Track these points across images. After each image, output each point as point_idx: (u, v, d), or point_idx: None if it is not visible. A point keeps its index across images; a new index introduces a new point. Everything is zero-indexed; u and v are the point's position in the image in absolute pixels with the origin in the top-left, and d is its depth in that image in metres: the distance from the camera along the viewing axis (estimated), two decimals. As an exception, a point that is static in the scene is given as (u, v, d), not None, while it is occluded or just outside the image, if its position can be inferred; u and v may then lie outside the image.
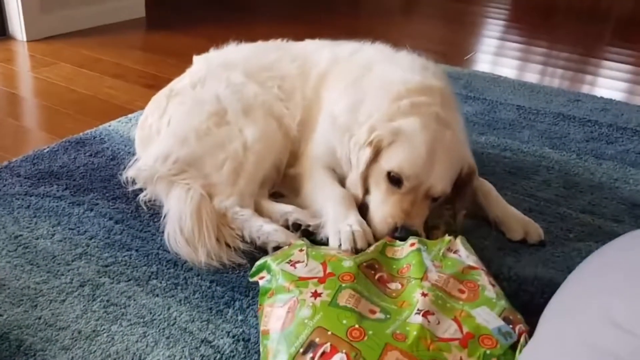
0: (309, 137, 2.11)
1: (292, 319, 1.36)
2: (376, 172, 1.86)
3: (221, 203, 1.90)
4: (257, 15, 5.19)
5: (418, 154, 1.81)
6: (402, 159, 1.81)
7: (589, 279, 1.37)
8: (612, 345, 1.06)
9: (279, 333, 1.35)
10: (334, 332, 1.30)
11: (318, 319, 1.34)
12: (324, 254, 1.58)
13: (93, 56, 3.58)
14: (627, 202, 2.29)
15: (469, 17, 5.63)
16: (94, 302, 1.58)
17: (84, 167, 2.22)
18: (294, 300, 1.41)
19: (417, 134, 1.83)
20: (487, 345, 1.32)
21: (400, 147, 1.83)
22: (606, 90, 3.68)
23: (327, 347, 1.27)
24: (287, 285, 1.47)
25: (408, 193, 1.81)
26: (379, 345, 1.28)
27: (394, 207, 1.81)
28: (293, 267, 1.53)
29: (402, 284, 1.52)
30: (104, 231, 1.87)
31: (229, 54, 2.31)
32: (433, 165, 1.81)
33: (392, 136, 1.83)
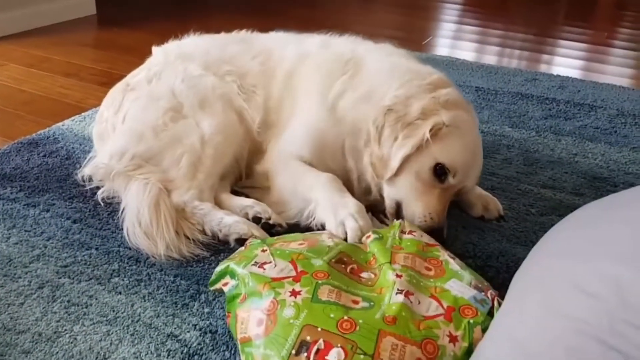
0: (278, 134, 2.04)
1: (275, 321, 1.31)
2: (421, 158, 1.77)
3: (179, 197, 1.86)
4: (210, 8, 5.11)
5: (469, 152, 1.80)
6: (455, 153, 1.76)
7: (552, 251, 1.38)
8: (578, 311, 1.07)
9: (263, 338, 1.29)
10: (324, 327, 1.27)
11: (304, 317, 1.29)
12: (289, 252, 1.52)
13: (43, 56, 3.48)
14: (587, 176, 2.33)
15: (425, 2, 5.65)
16: (54, 303, 1.53)
17: (38, 168, 2.15)
18: (272, 302, 1.35)
19: (471, 131, 1.84)
20: (469, 315, 1.35)
21: (455, 140, 1.78)
22: (562, 68, 3.74)
23: (321, 344, 1.23)
24: (261, 287, 1.40)
25: (448, 189, 1.78)
26: (373, 333, 1.26)
27: (436, 202, 1.76)
28: (261, 268, 1.47)
29: (374, 274, 1.50)
30: (61, 231, 1.82)
31: (188, 45, 2.25)
32: (477, 165, 1.84)
33: (453, 126, 1.78)
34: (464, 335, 1.31)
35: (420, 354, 1.24)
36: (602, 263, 1.13)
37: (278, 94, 2.09)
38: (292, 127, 2.02)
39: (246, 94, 2.08)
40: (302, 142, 1.97)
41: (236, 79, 2.10)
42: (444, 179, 1.76)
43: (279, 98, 2.08)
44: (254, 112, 2.07)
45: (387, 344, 1.24)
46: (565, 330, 1.08)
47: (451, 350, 1.28)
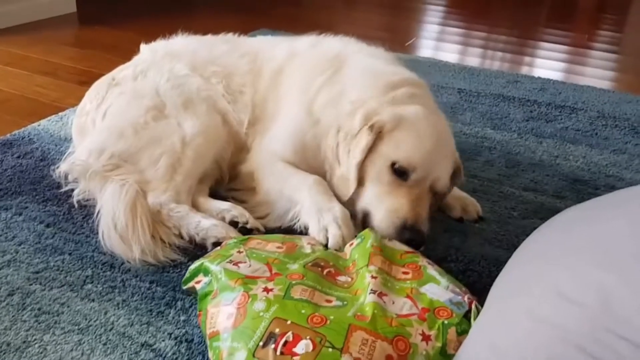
0: (263, 131, 2.02)
1: (244, 314, 1.29)
2: (376, 162, 1.73)
3: (156, 199, 1.82)
4: (195, 6, 5.07)
5: (425, 144, 1.71)
6: (408, 148, 1.70)
7: (534, 255, 1.37)
8: (560, 317, 1.06)
9: (231, 331, 1.28)
10: (294, 320, 1.26)
11: (274, 310, 1.28)
12: (265, 256, 1.51)
13: (21, 54, 3.41)
14: (568, 178, 2.33)
15: (409, 3, 5.65)
16: (23, 311, 1.49)
17: (11, 170, 2.10)
18: (242, 295, 1.35)
19: (422, 122, 1.74)
20: (444, 316, 1.34)
21: (405, 135, 1.72)
22: (544, 70, 3.75)
23: (289, 336, 1.22)
24: (233, 283, 1.40)
25: (414, 186, 1.71)
26: (343, 327, 1.25)
27: (400, 202, 1.68)
28: (236, 266, 1.46)
29: (351, 278, 1.49)
30: (34, 236, 1.77)
31: (176, 45, 2.23)
32: (439, 157, 1.74)
33: (395, 122, 1.72)
34: (438, 336, 1.30)
35: (391, 350, 1.23)
36: (585, 270, 1.12)
37: (264, 90, 2.07)
38: (275, 126, 2.00)
39: (232, 95, 2.06)
40: (285, 142, 1.95)
41: (222, 79, 2.08)
42: (405, 177, 1.71)
43: (265, 94, 2.07)
44: (241, 112, 2.05)
45: (357, 338, 1.23)
46: (547, 338, 1.06)
47: (423, 349, 1.27)
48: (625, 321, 0.98)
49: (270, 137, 1.98)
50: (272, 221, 1.87)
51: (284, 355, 1.19)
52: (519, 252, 1.50)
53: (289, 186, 1.85)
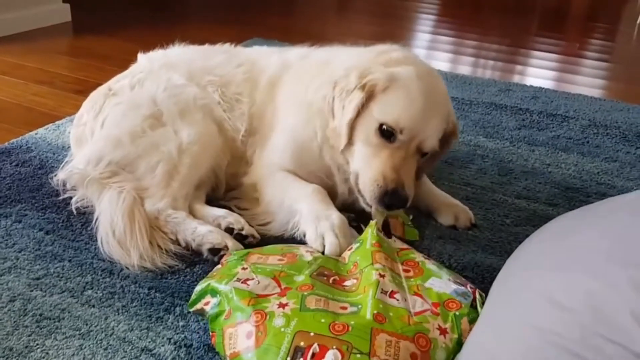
0: (262, 143, 2.05)
1: (265, 332, 1.30)
2: (366, 122, 1.76)
3: (153, 206, 1.85)
4: (189, 16, 5.10)
5: (415, 105, 1.72)
6: (398, 109, 1.72)
7: (526, 262, 1.40)
8: (552, 323, 1.09)
9: (254, 350, 1.28)
10: (316, 331, 1.27)
11: (295, 324, 1.29)
12: (271, 270, 1.53)
13: (16, 63, 3.43)
14: (561, 186, 2.36)
15: (401, 12, 5.71)
16: (25, 317, 1.51)
17: (10, 178, 2.12)
18: (259, 313, 1.35)
19: (414, 83, 1.75)
20: (454, 308, 1.40)
21: (395, 96, 1.74)
22: (535, 79, 3.79)
23: (316, 348, 1.23)
24: (245, 302, 1.40)
25: (399, 147, 1.73)
26: (366, 332, 1.27)
27: (384, 164, 1.72)
28: (245, 284, 1.47)
29: (356, 279, 1.52)
30: (34, 243, 1.79)
31: (173, 55, 2.25)
32: (429, 117, 1.74)
33: (388, 81, 1.74)
34: (453, 327, 1.35)
35: (414, 348, 1.27)
36: (575, 276, 1.15)
37: (261, 102, 2.10)
38: (274, 136, 2.03)
39: (229, 104, 2.09)
40: (283, 150, 1.99)
41: (218, 88, 2.10)
42: (392, 139, 1.73)
43: (262, 105, 2.09)
44: (238, 121, 2.07)
45: (382, 341, 1.26)
46: (539, 343, 1.09)
47: (442, 342, 1.32)
48: (614, 325, 1.01)
49: (270, 149, 2.02)
50: (273, 230, 1.89)
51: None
52: (512, 260, 1.53)
53: (288, 197, 1.89)
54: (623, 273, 1.05)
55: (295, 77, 2.08)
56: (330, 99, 1.82)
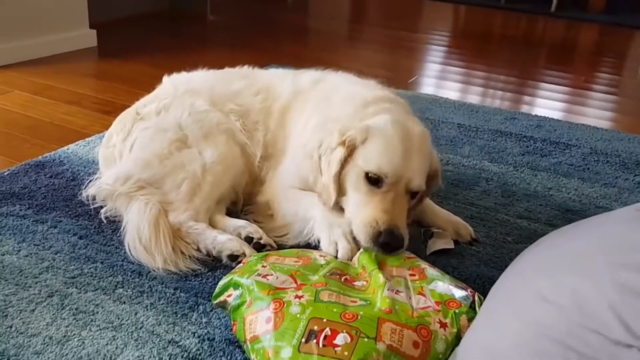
0: (275, 166, 2.19)
1: (282, 317, 1.45)
2: (354, 173, 1.89)
3: (176, 218, 1.99)
4: (206, 43, 5.32)
5: (394, 149, 1.86)
6: (379, 156, 1.85)
7: (521, 269, 1.53)
8: (541, 317, 1.21)
9: (272, 333, 1.43)
10: (329, 318, 1.42)
11: (310, 312, 1.44)
12: (288, 268, 1.68)
13: (47, 84, 3.63)
14: (561, 208, 2.48)
15: (411, 43, 5.88)
16: (63, 310, 1.65)
17: (45, 188, 2.28)
18: (278, 302, 1.50)
19: (389, 128, 1.89)
20: (454, 306, 1.55)
21: (374, 145, 1.88)
22: (541, 109, 3.93)
23: (328, 331, 1.38)
24: (265, 293, 1.55)
25: (388, 191, 1.85)
26: (373, 320, 1.42)
27: (374, 209, 1.83)
28: (265, 278, 1.62)
29: (366, 281, 1.67)
30: (68, 246, 1.94)
31: (195, 80, 2.38)
32: (409, 158, 1.86)
33: (364, 133, 1.88)
34: (452, 323, 1.51)
35: (417, 337, 1.42)
36: (564, 276, 1.28)
37: (274, 129, 2.25)
38: (285, 161, 2.18)
39: (249, 132, 2.23)
40: (292, 177, 2.13)
41: (240, 117, 2.25)
42: (380, 184, 1.85)
43: (275, 132, 2.24)
44: (255, 148, 2.22)
45: (387, 329, 1.41)
46: (530, 334, 1.22)
47: (442, 335, 1.46)
48: (595, 317, 1.14)
49: (281, 171, 2.17)
50: (290, 240, 2.02)
51: (326, 347, 1.35)
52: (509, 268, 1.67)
53: (302, 207, 2.03)
54: (605, 272, 1.18)
55: (303, 106, 2.22)
56: (317, 157, 1.98)
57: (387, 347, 1.37)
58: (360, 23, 7.21)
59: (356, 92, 2.15)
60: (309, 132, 2.08)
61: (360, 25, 7.07)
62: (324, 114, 2.09)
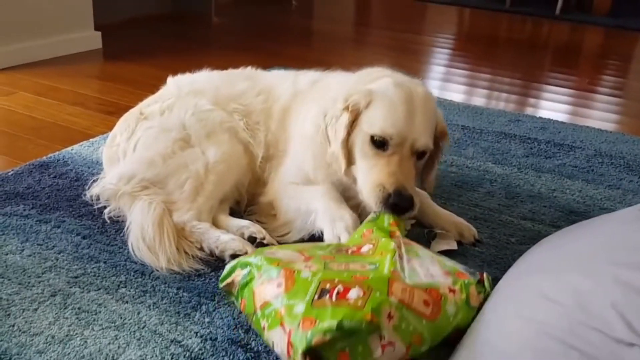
0: (277, 167, 2.20)
1: (293, 282, 1.47)
2: (359, 139, 1.90)
3: (180, 218, 1.99)
4: (211, 45, 5.32)
5: (397, 110, 1.87)
6: (382, 119, 1.86)
7: (525, 267, 1.53)
8: (543, 315, 1.21)
9: (283, 294, 1.45)
10: (340, 278, 1.45)
11: (320, 276, 1.47)
12: (294, 248, 1.72)
13: (51, 85, 3.64)
14: (565, 210, 2.48)
15: (416, 46, 5.88)
16: (65, 309, 1.65)
17: (49, 188, 2.29)
18: (288, 270, 1.52)
19: (392, 91, 1.90)
20: (463, 277, 1.57)
21: (377, 108, 1.89)
22: (545, 111, 3.92)
23: (340, 288, 1.41)
24: (275, 264, 1.57)
25: (393, 153, 1.86)
26: (384, 281, 1.45)
27: (381, 173, 1.85)
28: (273, 254, 1.64)
29: (372, 244, 1.69)
30: (72, 246, 1.94)
31: (199, 80, 2.39)
32: (413, 119, 1.87)
33: (368, 97, 1.90)
34: (461, 290, 1.52)
35: (427, 296, 1.46)
36: (565, 275, 1.28)
37: (275, 130, 2.25)
38: (286, 161, 2.19)
39: (252, 131, 2.24)
40: (293, 173, 2.14)
41: (243, 117, 2.25)
42: (385, 147, 1.86)
43: (276, 134, 2.25)
44: (258, 147, 2.23)
45: (397, 288, 1.44)
46: (532, 333, 1.22)
47: (452, 299, 1.49)
48: (596, 316, 1.13)
49: (283, 171, 2.17)
50: (293, 236, 2.04)
51: (339, 300, 1.37)
52: (513, 268, 1.67)
53: (303, 201, 2.03)
54: (607, 271, 1.18)
55: (302, 106, 2.22)
56: (323, 128, 1.99)
57: (399, 301, 1.40)
58: (365, 26, 7.21)
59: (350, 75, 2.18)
60: (309, 122, 2.09)
61: (365, 27, 7.07)
62: (319, 106, 2.09)
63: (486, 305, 1.54)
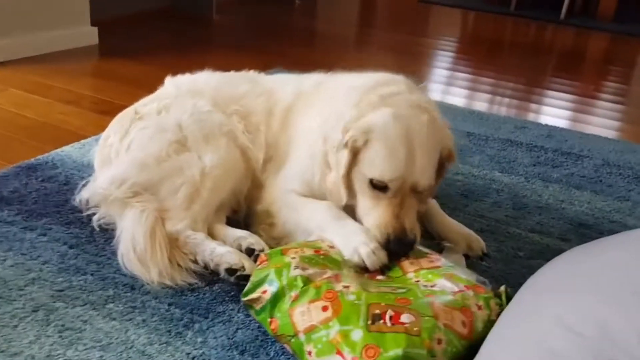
0: (276, 170, 2.10)
1: (340, 305, 1.45)
2: (359, 177, 1.82)
3: (173, 227, 1.89)
4: (212, 44, 5.22)
5: (396, 153, 1.75)
6: (380, 163, 1.77)
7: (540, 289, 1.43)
8: (564, 347, 1.11)
9: (334, 319, 1.43)
10: (386, 303, 1.45)
11: (365, 298, 1.47)
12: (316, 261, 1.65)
13: (44, 82, 3.53)
14: (573, 222, 2.39)
15: (419, 48, 5.80)
16: (48, 327, 1.55)
17: (36, 193, 2.18)
18: (330, 292, 1.50)
19: (390, 128, 1.77)
20: (482, 292, 1.57)
21: (375, 150, 1.77)
22: (550, 117, 3.83)
23: (391, 312, 1.41)
24: (313, 285, 1.53)
25: (395, 195, 1.78)
26: (425, 305, 1.46)
27: (383, 215, 1.78)
28: (304, 271, 1.58)
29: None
30: (57, 256, 1.84)
31: (199, 81, 2.30)
32: (414, 161, 1.76)
33: (365, 134, 1.78)
34: (485, 305, 1.52)
35: (464, 317, 1.46)
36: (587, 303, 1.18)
37: (276, 130, 2.15)
38: (287, 165, 2.08)
39: (252, 134, 2.14)
40: (294, 181, 2.03)
41: (242, 119, 2.15)
42: (385, 189, 1.78)
43: (277, 134, 2.15)
44: (258, 150, 2.13)
45: (440, 309, 1.45)
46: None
47: (480, 316, 1.49)
48: (625, 352, 1.03)
49: (283, 176, 2.07)
50: None
51: (395, 325, 1.38)
52: (524, 288, 1.57)
53: (303, 218, 1.93)
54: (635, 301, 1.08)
55: (305, 107, 2.13)
56: (323, 153, 1.89)
57: (444, 325, 1.41)
58: (369, 27, 7.10)
59: (354, 81, 2.05)
60: (315, 132, 1.98)
61: (368, 29, 6.96)
62: (324, 112, 1.99)
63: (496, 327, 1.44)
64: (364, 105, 1.87)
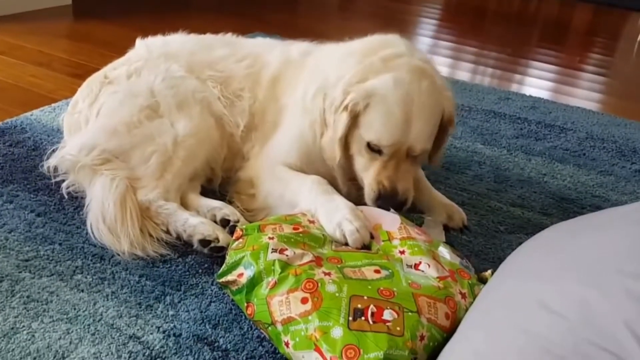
0: (263, 140, 2.04)
1: (321, 297, 1.38)
2: (357, 139, 1.82)
3: (145, 196, 1.83)
4: (191, 7, 5.09)
5: (394, 119, 1.76)
6: (378, 127, 1.77)
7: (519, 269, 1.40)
8: (544, 329, 1.08)
9: (314, 313, 1.36)
10: (369, 295, 1.39)
11: (347, 290, 1.40)
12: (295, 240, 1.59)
13: (15, 43, 3.40)
14: (555, 196, 2.36)
15: (403, 16, 5.71)
16: (12, 298, 1.49)
17: (2, 158, 2.10)
18: (310, 282, 1.43)
19: (391, 93, 1.77)
20: (466, 277, 1.55)
21: (374, 113, 1.78)
22: (534, 89, 3.80)
23: (373, 308, 1.35)
24: (292, 271, 1.47)
25: (391, 157, 1.80)
26: (409, 296, 1.41)
27: (378, 174, 1.80)
28: (283, 255, 1.51)
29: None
30: (24, 224, 1.77)
31: (173, 44, 2.20)
32: (410, 125, 1.77)
33: (366, 99, 1.77)
34: (469, 293, 1.50)
35: (447, 309, 1.42)
36: (569, 284, 1.14)
37: (263, 99, 2.08)
38: (279, 134, 2.02)
39: (229, 99, 2.07)
40: (289, 149, 1.98)
41: (218, 85, 2.08)
42: (380, 152, 1.80)
43: (264, 102, 2.08)
44: (238, 117, 2.06)
45: (424, 302, 1.40)
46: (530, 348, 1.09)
47: (464, 305, 1.47)
48: (607, 334, 1.00)
49: (272, 146, 2.01)
50: None
51: (377, 323, 1.32)
52: (505, 266, 1.54)
53: (289, 190, 1.88)
54: (618, 282, 1.05)
55: (296, 76, 2.06)
56: (321, 110, 1.86)
57: (427, 320, 1.37)
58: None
59: (351, 45, 2.00)
60: (310, 99, 1.94)
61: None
62: (323, 77, 1.93)
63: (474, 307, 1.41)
64: (366, 67, 1.84)
